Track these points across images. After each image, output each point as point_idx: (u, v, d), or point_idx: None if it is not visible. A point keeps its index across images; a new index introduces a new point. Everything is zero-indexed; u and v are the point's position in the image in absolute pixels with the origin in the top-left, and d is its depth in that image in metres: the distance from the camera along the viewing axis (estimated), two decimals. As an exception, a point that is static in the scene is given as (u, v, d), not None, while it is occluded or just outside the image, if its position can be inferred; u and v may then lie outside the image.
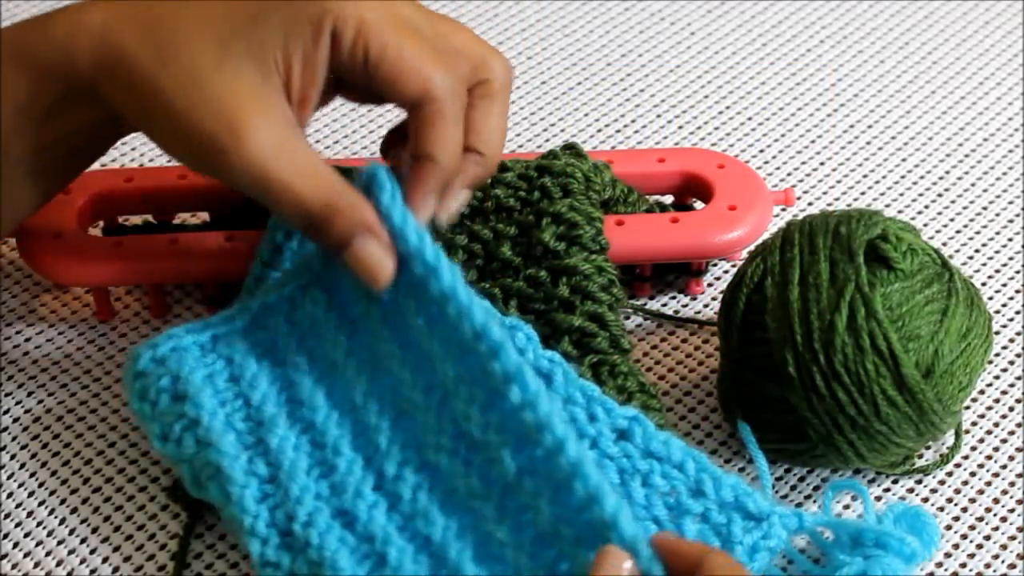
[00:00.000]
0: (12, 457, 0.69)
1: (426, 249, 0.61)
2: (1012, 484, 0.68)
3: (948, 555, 0.65)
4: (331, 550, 0.60)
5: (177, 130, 0.61)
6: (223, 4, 0.63)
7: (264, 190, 0.61)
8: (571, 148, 0.74)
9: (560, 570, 0.57)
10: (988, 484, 0.68)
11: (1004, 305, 0.77)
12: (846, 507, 0.67)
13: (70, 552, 0.65)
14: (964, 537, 0.66)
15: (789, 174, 0.85)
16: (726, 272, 0.79)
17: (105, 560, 0.65)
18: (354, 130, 0.88)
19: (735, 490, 0.61)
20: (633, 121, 0.89)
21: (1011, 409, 0.71)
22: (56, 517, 0.67)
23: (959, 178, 0.85)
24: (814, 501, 0.67)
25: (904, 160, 0.86)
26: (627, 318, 0.76)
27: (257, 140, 0.60)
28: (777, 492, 0.67)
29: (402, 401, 0.63)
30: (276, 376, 0.65)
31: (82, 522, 0.67)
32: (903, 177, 0.85)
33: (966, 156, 0.86)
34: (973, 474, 0.68)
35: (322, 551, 0.60)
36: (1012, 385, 0.72)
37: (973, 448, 0.70)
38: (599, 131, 0.88)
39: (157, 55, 0.61)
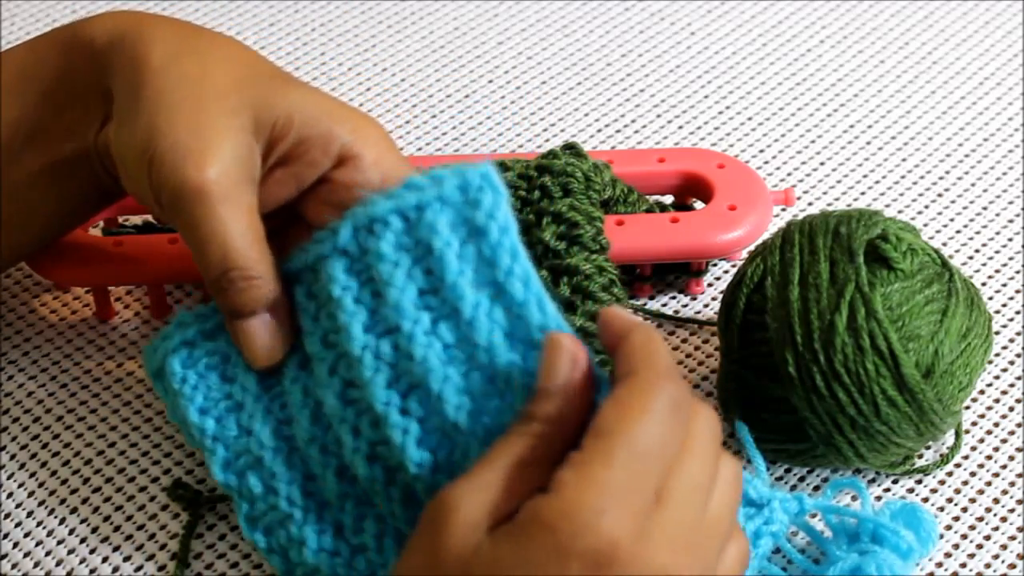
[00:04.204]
0: (12, 457, 0.69)
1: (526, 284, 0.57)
2: (1012, 484, 0.68)
3: (948, 555, 0.65)
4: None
5: (148, 121, 0.59)
6: (255, 54, 0.63)
7: (198, 216, 0.58)
8: (571, 148, 0.74)
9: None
10: (988, 484, 0.68)
11: (1004, 305, 0.77)
12: (845, 507, 0.67)
13: (70, 552, 0.65)
14: (964, 537, 0.66)
15: (789, 174, 0.85)
16: (726, 272, 0.79)
17: (105, 560, 0.65)
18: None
19: None
20: (633, 121, 0.89)
21: (1011, 409, 0.71)
22: (56, 517, 0.67)
23: (959, 178, 0.85)
24: (814, 501, 0.67)
25: (904, 160, 0.86)
26: (627, 318, 0.76)
27: (221, 163, 0.58)
28: (777, 492, 0.67)
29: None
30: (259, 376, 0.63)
31: (82, 522, 0.67)
32: (903, 177, 0.85)
33: (966, 156, 0.86)
34: (973, 474, 0.68)
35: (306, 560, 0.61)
36: (1012, 385, 0.72)
37: (973, 448, 0.70)
38: (599, 131, 0.88)
39: (172, 50, 0.61)
